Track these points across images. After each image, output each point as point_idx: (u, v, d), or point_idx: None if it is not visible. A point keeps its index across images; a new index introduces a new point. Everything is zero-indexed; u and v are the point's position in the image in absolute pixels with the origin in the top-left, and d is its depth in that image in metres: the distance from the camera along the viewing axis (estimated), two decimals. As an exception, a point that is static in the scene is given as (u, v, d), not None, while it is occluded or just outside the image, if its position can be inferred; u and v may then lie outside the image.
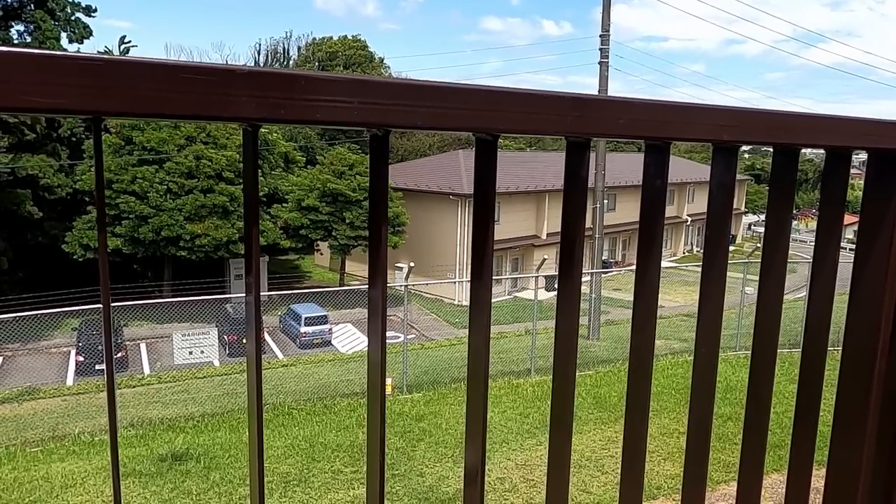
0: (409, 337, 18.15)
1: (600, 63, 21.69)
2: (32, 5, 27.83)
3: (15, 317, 17.03)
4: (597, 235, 22.09)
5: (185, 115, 0.60)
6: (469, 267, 0.93)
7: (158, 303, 22.51)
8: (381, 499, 0.95)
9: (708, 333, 1.12)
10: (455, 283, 29.06)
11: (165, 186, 26.44)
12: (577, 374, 1.06)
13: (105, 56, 0.55)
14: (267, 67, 0.67)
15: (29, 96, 0.52)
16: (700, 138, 0.95)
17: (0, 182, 24.76)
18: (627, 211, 38.07)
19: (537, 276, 19.10)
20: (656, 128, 0.89)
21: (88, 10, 30.26)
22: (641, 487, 1.16)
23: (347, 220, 29.03)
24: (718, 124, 0.94)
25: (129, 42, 35.16)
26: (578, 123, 0.81)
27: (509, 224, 32.01)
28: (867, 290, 1.25)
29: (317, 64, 51.90)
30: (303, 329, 23.39)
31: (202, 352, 19.45)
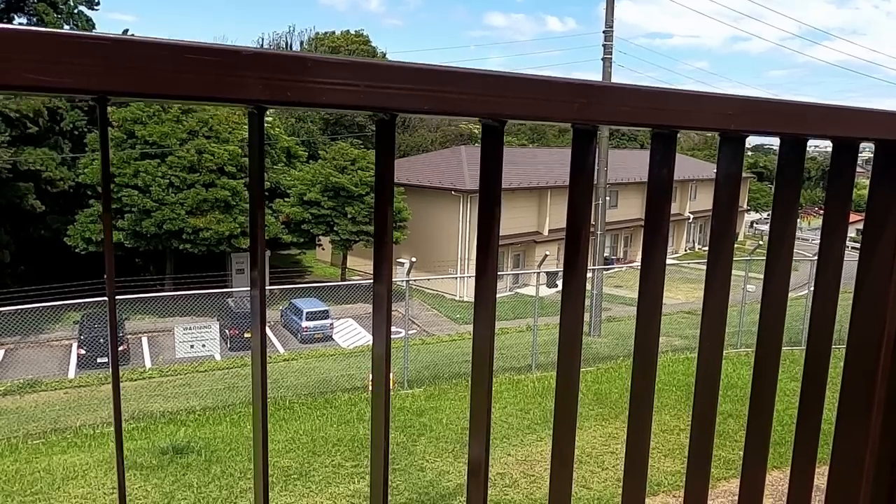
0: (410, 332, 18.17)
1: (604, 59, 21.64)
2: (35, -2, 27.82)
3: (17, 309, 17.07)
4: (599, 232, 22.07)
5: (191, 97, 0.59)
6: (471, 263, 0.93)
7: (160, 296, 22.58)
8: (385, 490, 0.95)
9: (713, 320, 1.11)
10: (456, 279, 29.06)
11: (168, 180, 26.45)
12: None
13: (111, 35, 0.55)
14: (273, 49, 0.67)
15: (35, 75, 0.52)
16: (707, 127, 0.95)
17: (3, 176, 24.77)
18: (629, 208, 38.02)
19: (539, 273, 19.10)
20: (663, 116, 0.88)
21: (91, 3, 30.24)
22: (644, 482, 1.16)
23: (349, 215, 29.02)
24: (726, 113, 0.93)
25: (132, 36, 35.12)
26: (585, 110, 0.80)
27: (511, 220, 31.98)
28: (872, 285, 1.24)
29: (319, 59, 51.71)
30: (304, 324, 23.41)
31: (204, 346, 19.47)
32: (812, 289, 1.26)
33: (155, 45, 0.57)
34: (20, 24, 24.43)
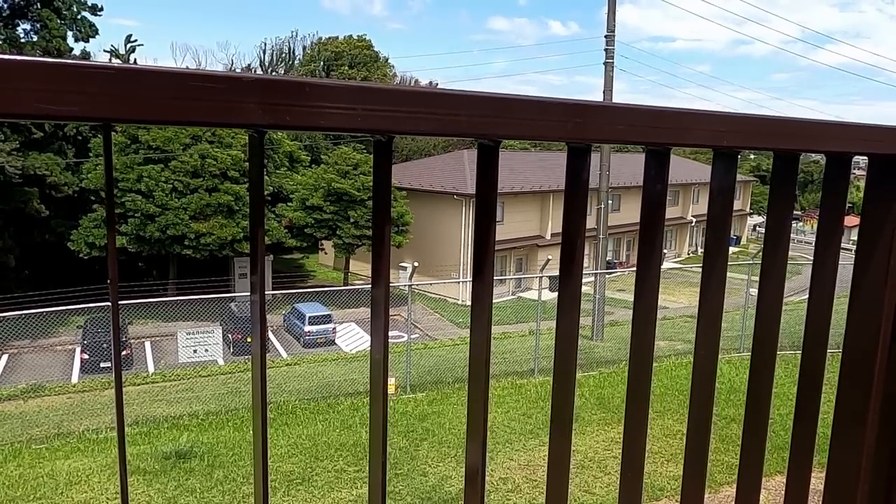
0: (412, 336, 18.18)
1: (605, 64, 21.68)
2: (39, 4, 27.93)
3: (21, 314, 17.12)
4: (601, 236, 22.07)
5: (193, 122, 0.61)
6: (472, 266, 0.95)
7: (163, 301, 22.60)
8: (384, 498, 0.96)
9: (707, 340, 1.13)
10: (459, 283, 29.08)
11: (171, 185, 26.53)
12: (581, 374, 1.07)
13: (115, 65, 0.57)
14: (273, 75, 0.69)
15: (42, 104, 0.54)
16: (700, 144, 0.96)
17: (8, 181, 24.86)
18: (632, 212, 37.98)
19: (541, 277, 19.10)
20: (656, 133, 0.90)
21: (94, 9, 30.36)
22: (641, 486, 1.17)
23: (352, 220, 29.07)
24: (718, 130, 0.95)
25: (135, 41, 35.25)
26: (579, 129, 0.82)
27: (513, 224, 32.00)
28: (867, 294, 1.26)
29: (322, 63, 51.92)
30: (307, 328, 23.43)
31: (206, 350, 19.52)
32: (808, 296, 1.28)
33: (157, 73, 0.58)
34: (24, 30, 24.32)
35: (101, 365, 19.34)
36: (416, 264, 19.79)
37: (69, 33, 29.44)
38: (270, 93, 0.63)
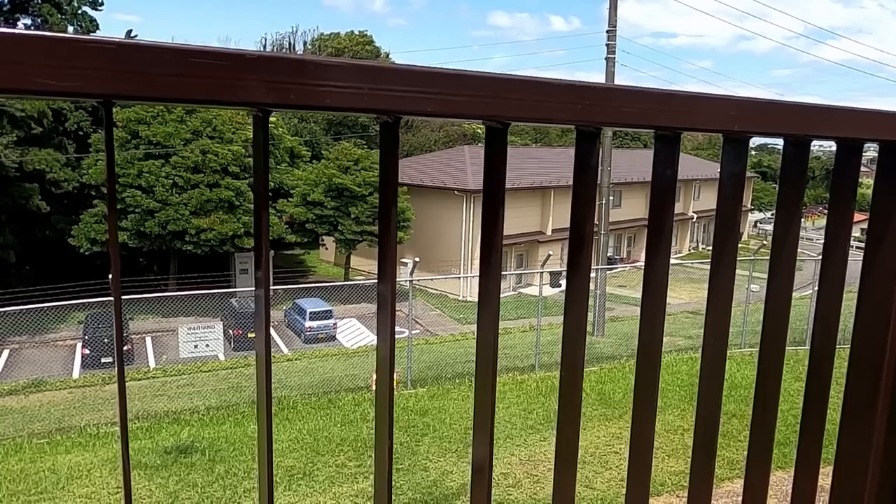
0: (413, 332, 18.18)
1: (607, 59, 21.63)
2: (40, -1, 27.90)
3: (22, 309, 17.11)
4: (602, 232, 22.06)
5: (195, 100, 0.59)
6: (474, 263, 0.93)
7: (164, 296, 22.62)
8: (389, 492, 0.95)
9: (717, 320, 1.11)
10: (460, 279, 29.06)
11: (171, 181, 26.51)
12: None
13: (116, 39, 0.55)
14: (277, 53, 0.67)
15: (42, 79, 0.52)
16: (710, 128, 0.95)
17: (8, 176, 24.84)
18: (633, 207, 37.96)
19: (542, 272, 19.09)
20: (666, 117, 0.88)
21: (95, 4, 30.32)
22: (648, 482, 1.16)
23: (353, 216, 29.04)
24: (729, 114, 0.93)
25: (136, 36, 35.19)
26: (588, 112, 0.80)
27: (514, 220, 31.95)
28: (877, 286, 1.24)
29: (323, 59, 51.87)
30: (307, 324, 23.44)
31: (207, 346, 19.53)
32: (816, 289, 1.26)
33: (159, 48, 0.57)
34: (24, 25, 24.44)
35: (102, 360, 19.36)
36: (417, 260, 19.76)
37: (70, 28, 29.40)
38: (275, 70, 0.62)
